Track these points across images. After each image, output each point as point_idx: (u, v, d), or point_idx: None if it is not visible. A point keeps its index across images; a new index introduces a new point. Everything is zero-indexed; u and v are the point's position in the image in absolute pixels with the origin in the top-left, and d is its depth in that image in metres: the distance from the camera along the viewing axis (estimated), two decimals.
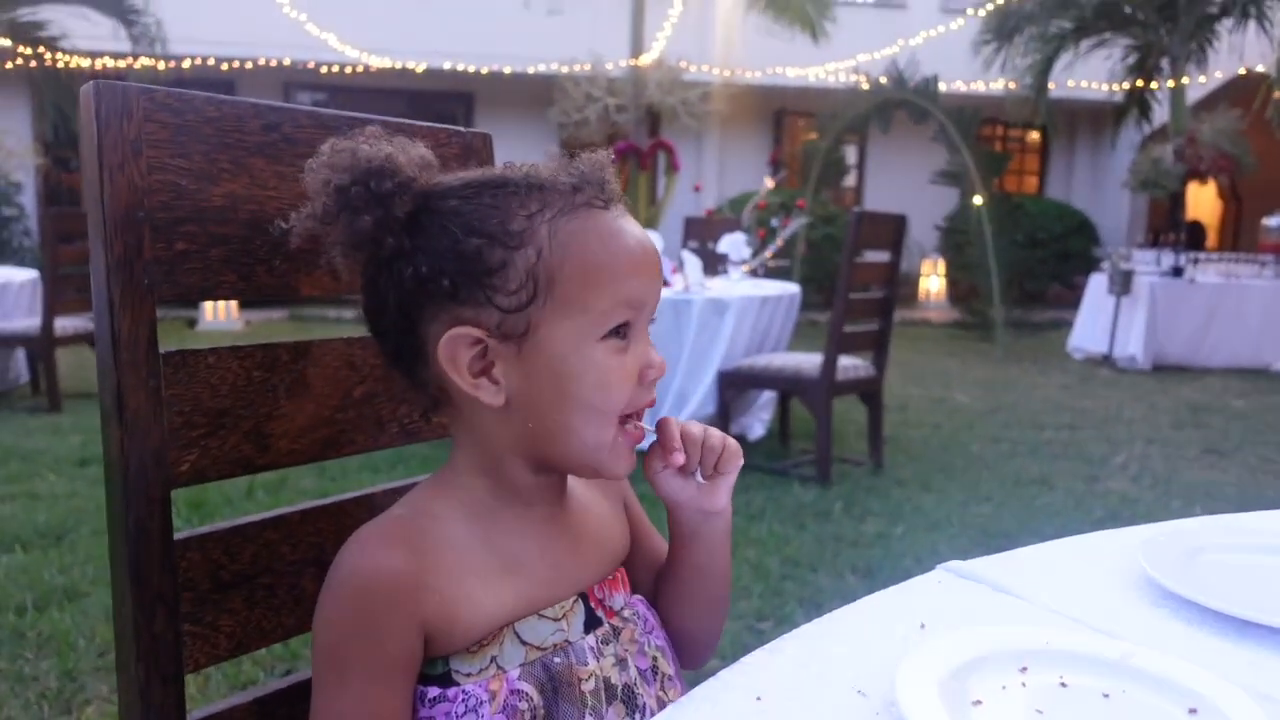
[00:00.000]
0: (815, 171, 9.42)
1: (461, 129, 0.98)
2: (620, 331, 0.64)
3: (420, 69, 10.92)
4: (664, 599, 0.78)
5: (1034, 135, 14.12)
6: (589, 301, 0.63)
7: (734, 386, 3.76)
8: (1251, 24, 8.74)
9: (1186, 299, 7.09)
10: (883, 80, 8.00)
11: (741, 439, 4.03)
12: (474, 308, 0.62)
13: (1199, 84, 10.56)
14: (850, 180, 13.26)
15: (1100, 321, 7.27)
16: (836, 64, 10.57)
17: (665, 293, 3.83)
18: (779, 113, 13.18)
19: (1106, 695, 0.52)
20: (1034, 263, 11.80)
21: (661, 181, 9.18)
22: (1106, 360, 7.16)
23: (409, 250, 0.62)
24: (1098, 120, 13.37)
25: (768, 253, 4.77)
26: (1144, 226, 12.80)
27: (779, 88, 12.00)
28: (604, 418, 0.65)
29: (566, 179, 0.64)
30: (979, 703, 0.50)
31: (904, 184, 11.92)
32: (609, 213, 0.65)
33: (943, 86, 8.65)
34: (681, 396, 3.76)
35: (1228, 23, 9.31)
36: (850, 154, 13.06)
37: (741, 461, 0.72)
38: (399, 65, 10.75)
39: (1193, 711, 0.50)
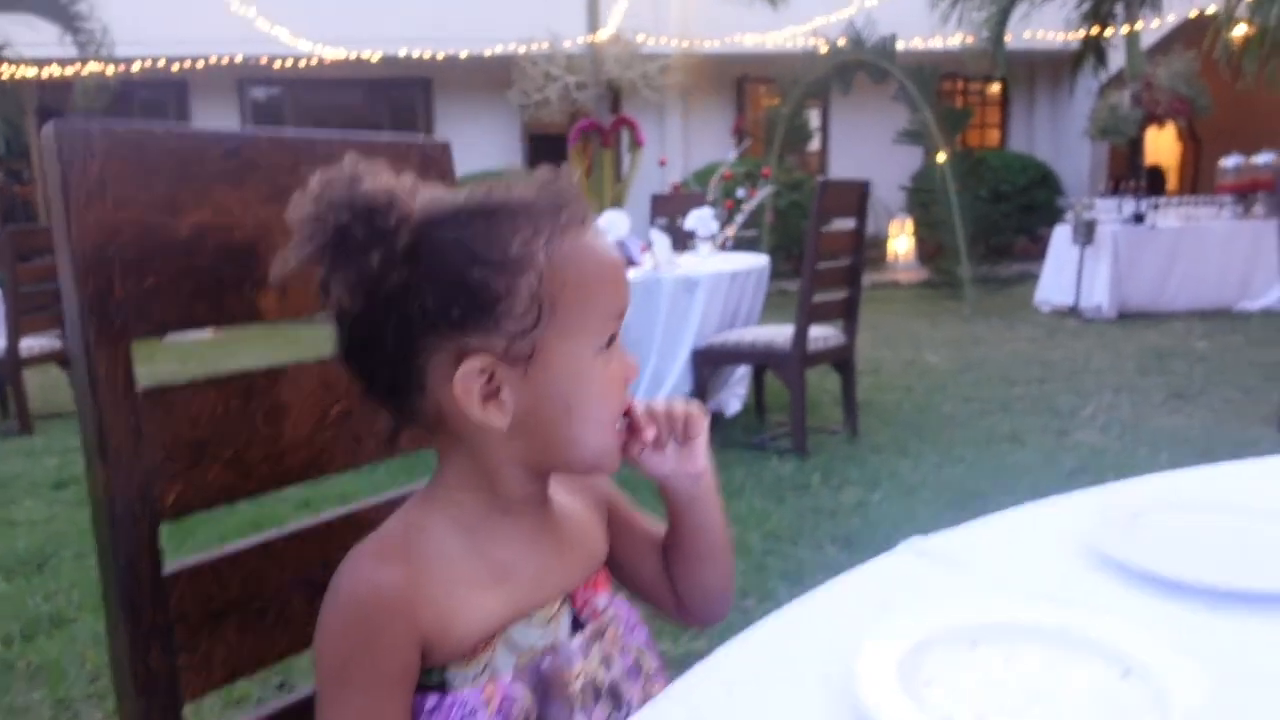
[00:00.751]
0: (778, 138, 9.43)
1: (420, 140, 0.99)
2: (609, 343, 0.68)
3: (376, 58, 10.79)
4: (675, 566, 0.82)
5: (995, 88, 14.18)
6: (587, 319, 0.66)
7: (708, 363, 3.80)
8: None
9: (1149, 245, 7.21)
10: (841, 42, 8.01)
11: (718, 415, 4.09)
12: (481, 335, 0.63)
13: (1153, 29, 10.65)
14: (815, 144, 13.29)
15: (1065, 273, 7.38)
16: (795, 28, 10.55)
17: (635, 273, 3.85)
18: (740, 80, 13.14)
19: (1050, 665, 0.56)
20: (998, 217, 11.90)
21: (626, 158, 9.15)
22: (1073, 311, 7.28)
23: (414, 284, 0.63)
24: (1056, 70, 13.43)
25: (730, 228, 4.79)
26: (1105, 174, 12.93)
27: (739, 55, 11.97)
28: (607, 426, 0.69)
29: (548, 201, 0.66)
30: (929, 683, 0.54)
31: (869, 145, 11.95)
32: (588, 231, 0.68)
33: (901, 44, 8.66)
34: (657, 376, 3.80)
35: None
36: (814, 118, 13.06)
37: (705, 420, 0.76)
38: (354, 56, 10.61)
39: (1126, 673, 0.54)
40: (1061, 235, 7.51)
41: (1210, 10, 9.60)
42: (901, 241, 11.92)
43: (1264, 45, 5.69)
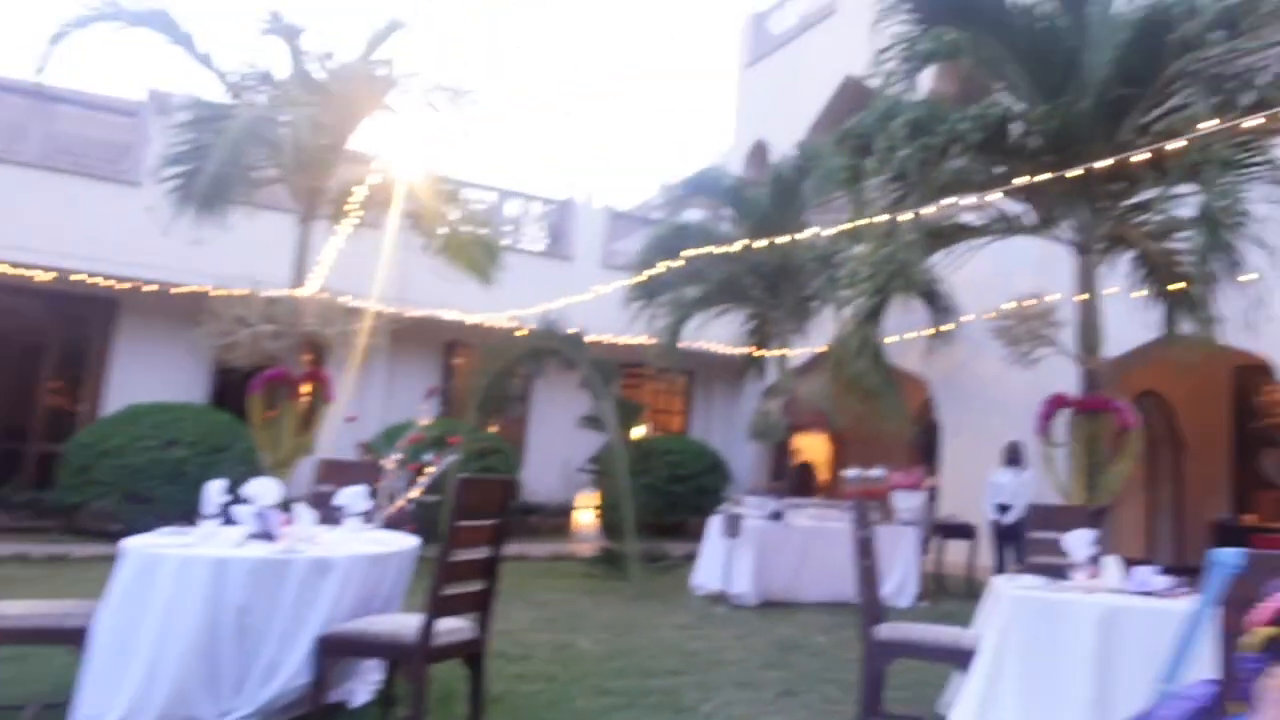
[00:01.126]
0: (473, 406, 9.77)
1: None
2: None
3: (48, 277, 10.12)
4: None
5: (682, 380, 15.86)
6: None
7: (333, 653, 3.63)
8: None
9: (785, 540, 8.08)
10: (536, 329, 8.72)
11: (339, 706, 3.85)
12: None
13: (802, 352, 12.63)
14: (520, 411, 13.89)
15: (717, 561, 8.02)
16: (498, 313, 11.36)
17: (262, 550, 3.69)
18: (450, 344, 13.66)
19: None
20: (675, 497, 12.88)
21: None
22: (723, 597, 7.85)
23: None
24: (734, 372, 15.37)
25: (393, 506, 4.80)
26: (767, 468, 14.59)
27: (447, 321, 12.53)
28: None
29: None
30: None
31: (568, 419, 12.71)
32: None
33: (600, 336, 9.62)
34: (272, 666, 3.55)
35: (818, 305, 11.37)
36: (520, 387, 13.73)
37: None
38: (22, 271, 9.90)
39: None
40: (714, 526, 8.24)
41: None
42: (586, 513, 12.43)
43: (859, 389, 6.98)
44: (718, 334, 12.90)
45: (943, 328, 10.43)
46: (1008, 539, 8.91)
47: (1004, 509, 9.03)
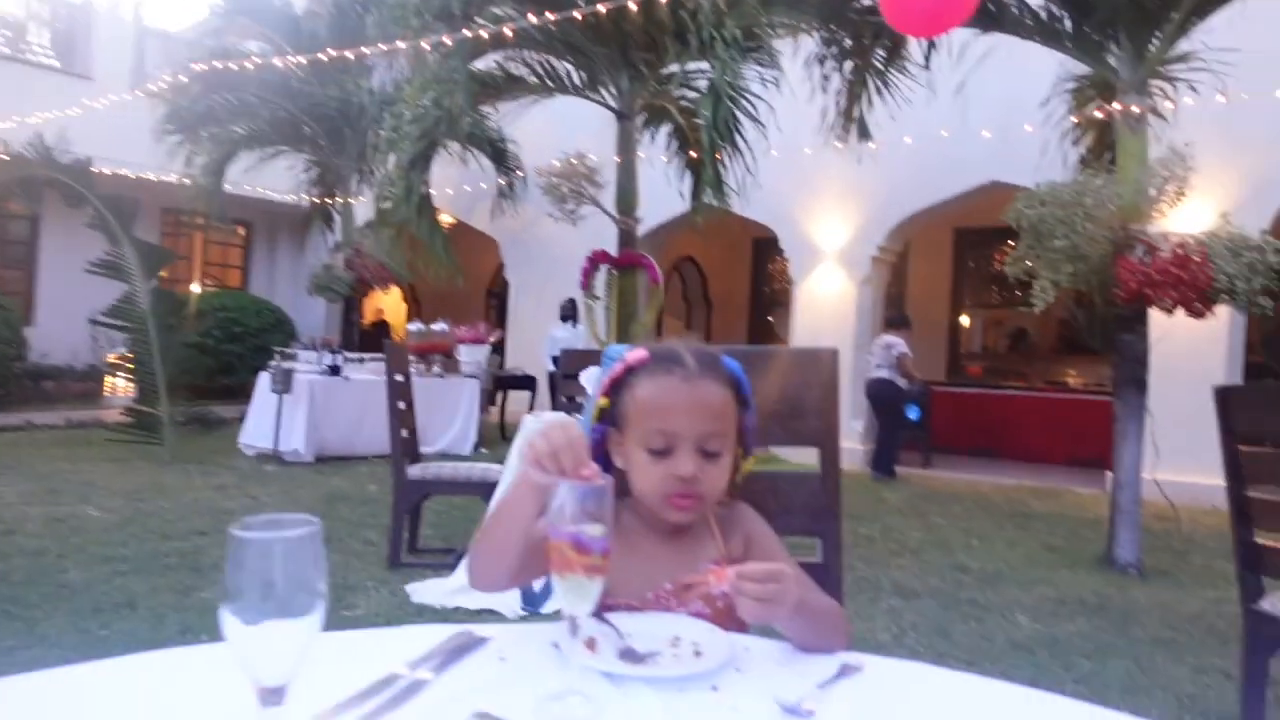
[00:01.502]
0: None
1: None
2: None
3: None
4: None
5: (241, 232, 14.42)
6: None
7: None
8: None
9: (342, 395, 7.89)
10: (26, 153, 7.19)
11: None
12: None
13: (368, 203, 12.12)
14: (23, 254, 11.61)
15: (267, 418, 7.61)
16: None
17: None
18: None
19: None
20: (232, 357, 11.92)
21: None
22: (275, 455, 7.51)
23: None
24: (300, 225, 14.33)
25: None
26: (338, 326, 14.06)
27: None
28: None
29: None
30: None
31: (73, 267, 10.94)
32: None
33: (127, 170, 8.22)
34: None
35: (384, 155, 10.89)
36: (21, 229, 11.47)
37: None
38: None
39: None
40: (263, 382, 7.76)
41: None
42: (119, 377, 10.99)
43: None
44: (276, 182, 11.86)
45: (502, 181, 10.64)
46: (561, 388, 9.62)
47: (559, 360, 9.69)
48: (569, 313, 9.91)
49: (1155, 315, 5.21)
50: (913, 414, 9.30)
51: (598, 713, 0.83)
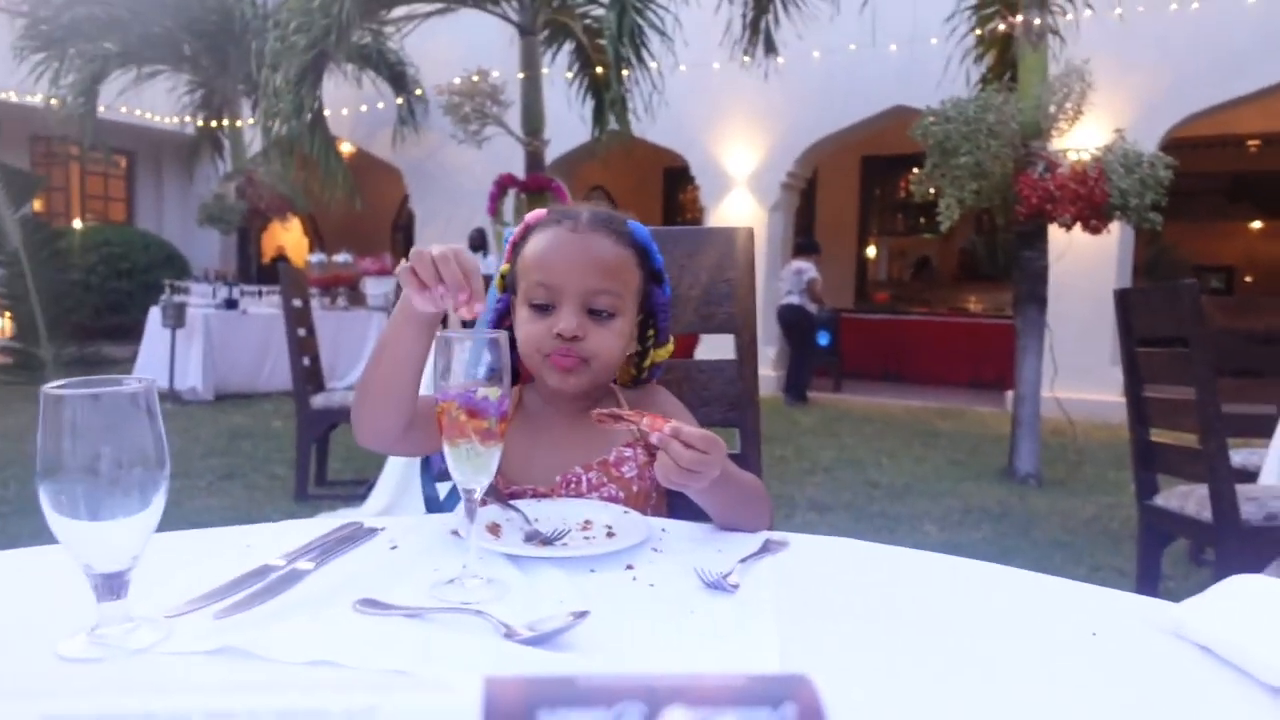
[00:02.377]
0: None
1: None
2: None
3: None
4: None
5: (123, 160, 13.48)
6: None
7: None
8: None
9: (241, 329, 7.52)
10: None
11: None
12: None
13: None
14: None
15: (159, 355, 7.21)
16: None
17: None
18: None
19: None
20: (120, 295, 11.24)
21: None
22: (171, 393, 7.13)
23: None
24: (188, 153, 13.47)
25: None
26: (234, 260, 13.37)
27: None
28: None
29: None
30: None
31: None
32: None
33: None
34: None
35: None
36: None
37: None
38: None
39: None
40: (154, 318, 7.33)
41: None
42: None
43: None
44: (157, 105, 11.06)
45: (400, 103, 10.18)
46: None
47: None
48: (478, 243, 9.64)
49: (1053, 234, 5.34)
50: (823, 339, 9.44)
51: (499, 595, 0.75)
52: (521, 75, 6.68)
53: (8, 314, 7.78)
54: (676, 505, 1.13)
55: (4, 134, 6.84)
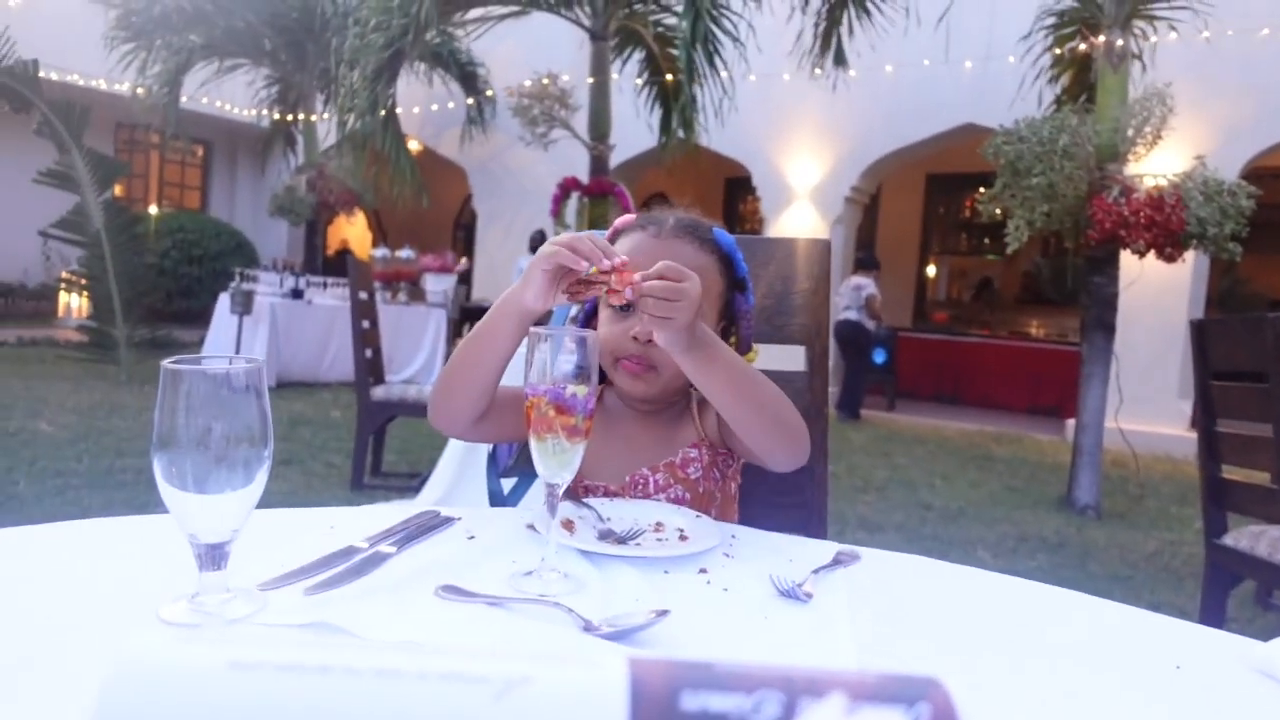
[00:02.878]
0: None
1: None
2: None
3: None
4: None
5: (200, 150, 13.92)
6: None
7: None
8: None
9: (305, 319, 7.70)
10: None
11: None
12: None
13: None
14: None
15: (227, 339, 7.42)
16: None
17: None
18: None
19: None
20: (191, 280, 11.60)
21: None
22: None
23: None
24: (262, 145, 13.85)
25: None
26: (301, 250, 13.70)
27: None
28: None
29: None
30: None
31: (19, 178, 10.49)
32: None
33: (79, 79, 7.79)
34: None
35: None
36: None
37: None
38: None
39: None
40: (223, 304, 7.55)
41: None
42: (74, 295, 10.65)
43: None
44: (236, 97, 11.40)
45: (470, 103, 10.31)
46: None
47: None
48: (539, 243, 9.72)
49: (1125, 260, 5.21)
50: (879, 357, 9.33)
51: (577, 588, 0.76)
52: (590, 80, 6.73)
53: (85, 293, 8.09)
54: (746, 515, 1.13)
55: (92, 120, 7.07)
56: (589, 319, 1.20)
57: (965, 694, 0.60)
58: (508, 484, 1.40)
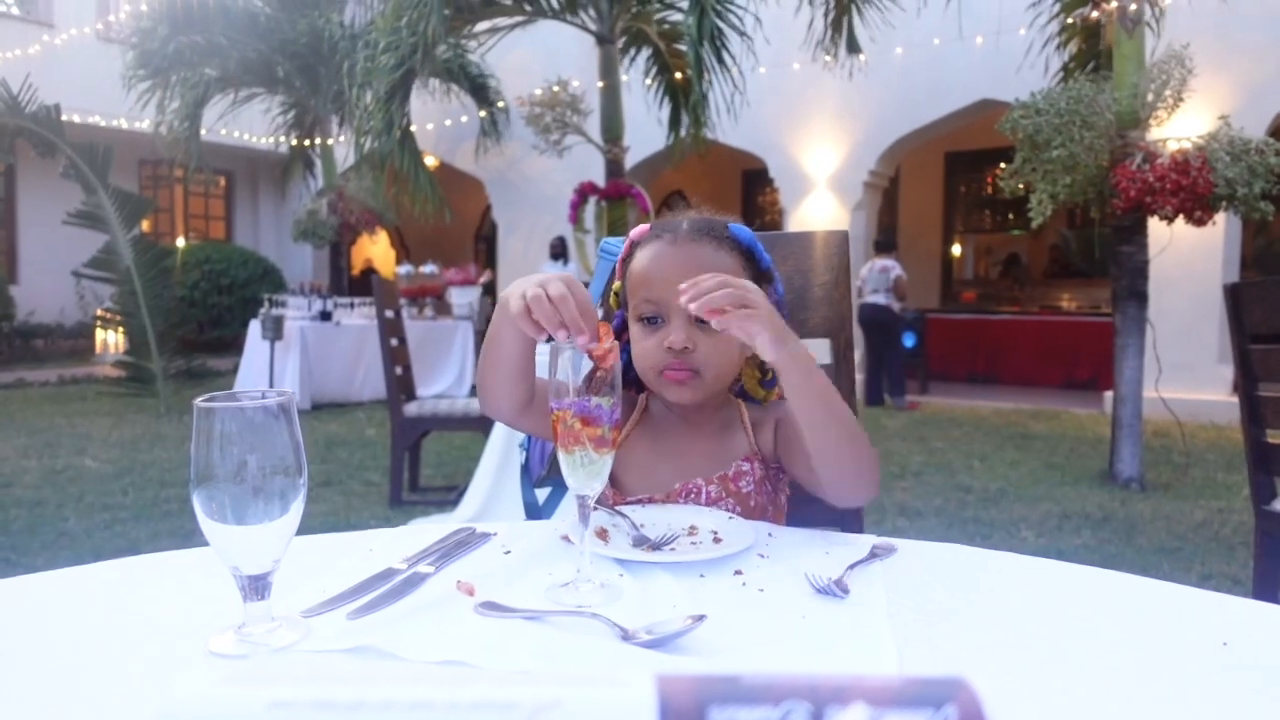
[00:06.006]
0: None
1: None
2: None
3: None
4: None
5: (222, 180, 14.14)
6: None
7: None
8: None
9: (335, 341, 7.80)
10: None
11: None
12: None
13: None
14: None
15: (260, 365, 7.52)
16: None
17: None
18: None
19: None
20: (221, 310, 11.79)
21: None
22: None
23: None
24: (281, 172, 14.05)
25: None
26: (327, 274, 13.87)
27: None
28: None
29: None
30: None
31: (52, 220, 10.75)
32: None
33: (100, 120, 7.95)
34: None
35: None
36: None
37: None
38: None
39: None
40: (254, 331, 7.66)
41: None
42: (110, 332, 10.86)
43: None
44: (254, 127, 11.57)
45: (484, 116, 10.37)
46: None
47: None
48: (559, 251, 9.77)
49: (1154, 227, 5.13)
50: (908, 341, 9.25)
51: (614, 598, 0.77)
52: (600, 84, 6.75)
53: (120, 329, 8.25)
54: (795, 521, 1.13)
55: (115, 159, 7.21)
56: (618, 334, 1.21)
57: (994, 693, 0.60)
58: (542, 494, 1.41)
